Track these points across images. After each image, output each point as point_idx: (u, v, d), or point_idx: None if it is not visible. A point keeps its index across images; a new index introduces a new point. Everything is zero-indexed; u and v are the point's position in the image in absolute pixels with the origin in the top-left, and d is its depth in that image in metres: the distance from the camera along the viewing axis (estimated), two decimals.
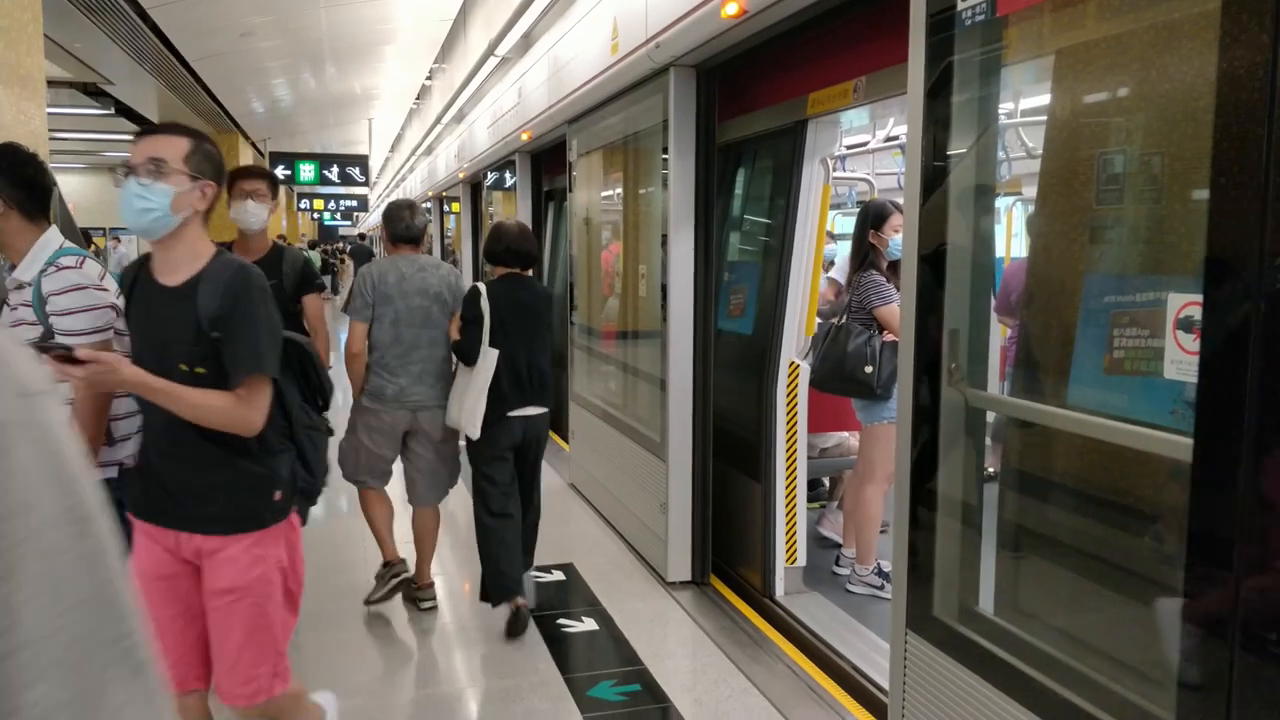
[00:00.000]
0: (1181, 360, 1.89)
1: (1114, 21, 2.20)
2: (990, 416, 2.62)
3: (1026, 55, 2.49)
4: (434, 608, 4.31)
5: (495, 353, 3.94)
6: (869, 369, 4.25)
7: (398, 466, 4.34)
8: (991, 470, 2.80)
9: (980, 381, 2.49)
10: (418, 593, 4.33)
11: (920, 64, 2.48)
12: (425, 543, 4.35)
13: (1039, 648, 2.21)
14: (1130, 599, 2.23)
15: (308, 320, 4.12)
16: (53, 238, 2.71)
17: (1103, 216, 2.39)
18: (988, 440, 2.67)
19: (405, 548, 4.39)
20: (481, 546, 4.10)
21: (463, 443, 4.25)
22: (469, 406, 3.94)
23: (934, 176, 2.48)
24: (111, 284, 2.68)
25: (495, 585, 4.03)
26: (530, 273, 4.29)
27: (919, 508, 2.52)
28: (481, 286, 4.04)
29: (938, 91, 2.46)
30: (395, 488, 4.39)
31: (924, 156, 2.51)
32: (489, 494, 4.09)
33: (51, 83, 7.63)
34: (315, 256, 14.70)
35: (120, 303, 2.57)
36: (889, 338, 4.21)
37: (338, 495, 5.85)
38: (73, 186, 18.73)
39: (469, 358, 3.95)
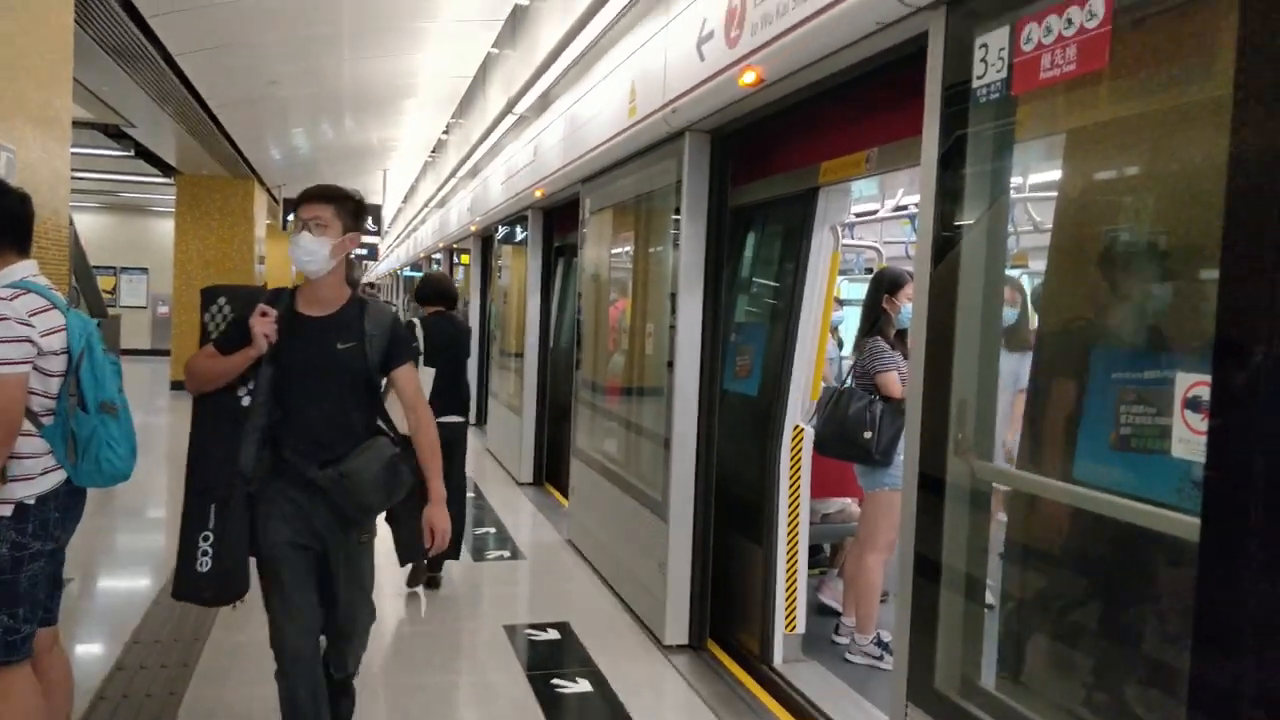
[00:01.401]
0: (1189, 439, 1.89)
1: (1125, 104, 2.25)
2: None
3: (1038, 133, 2.53)
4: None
5: (432, 371, 4.86)
6: (868, 434, 4.26)
7: None
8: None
9: (987, 453, 2.49)
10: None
11: (934, 137, 2.52)
12: None
13: None
14: (1134, 677, 2.20)
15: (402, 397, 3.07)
16: (19, 269, 2.72)
17: (1110, 292, 2.41)
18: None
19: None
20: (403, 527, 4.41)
21: None
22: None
23: (944, 247, 2.51)
24: (44, 321, 2.62)
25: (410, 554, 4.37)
26: (454, 310, 5.48)
27: (921, 579, 2.51)
28: (416, 321, 5.10)
29: (950, 164, 2.50)
30: None
31: (935, 227, 2.54)
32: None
33: (75, 124, 7.76)
34: None
35: (41, 341, 2.59)
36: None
37: None
38: (87, 225, 18.90)
39: None
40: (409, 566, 5.18)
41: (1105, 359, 2.35)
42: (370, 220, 15.53)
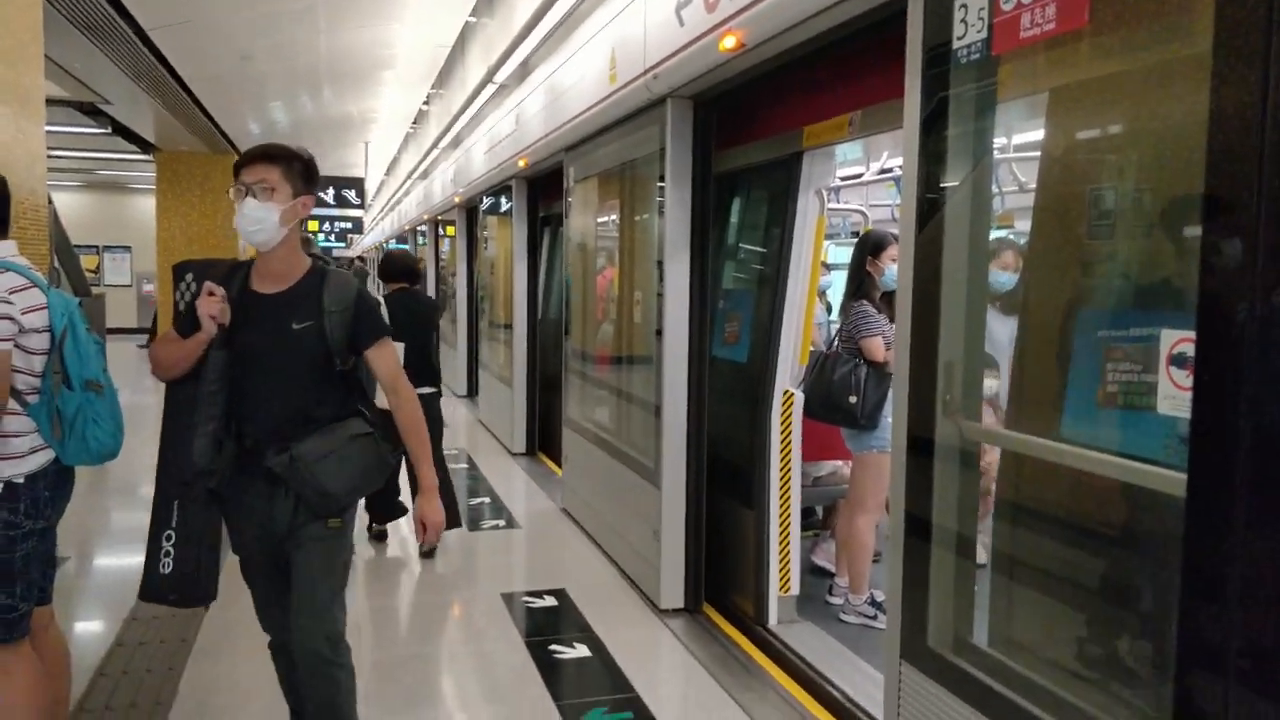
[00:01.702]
0: (1175, 395, 1.91)
1: (1106, 62, 2.24)
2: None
3: (1020, 92, 2.53)
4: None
5: (401, 345, 4.66)
6: (853, 398, 4.29)
7: None
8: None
9: (974, 413, 2.51)
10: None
11: (916, 99, 2.51)
12: None
13: (1033, 680, 2.21)
14: (1123, 632, 2.24)
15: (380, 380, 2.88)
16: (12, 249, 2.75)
17: (1095, 251, 2.42)
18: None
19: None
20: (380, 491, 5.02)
21: None
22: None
23: (929, 209, 2.51)
24: (25, 299, 2.62)
25: (382, 513, 5.57)
26: (417, 287, 5.72)
27: (913, 538, 2.53)
28: (380, 298, 4.90)
29: (933, 126, 2.50)
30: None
31: (919, 189, 2.54)
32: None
33: (49, 101, 7.65)
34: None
35: (22, 319, 2.59)
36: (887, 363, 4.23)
37: None
38: (68, 204, 18.69)
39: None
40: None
41: (1091, 317, 2.36)
42: (354, 193, 15.43)
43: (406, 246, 15.14)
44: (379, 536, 5.72)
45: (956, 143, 2.48)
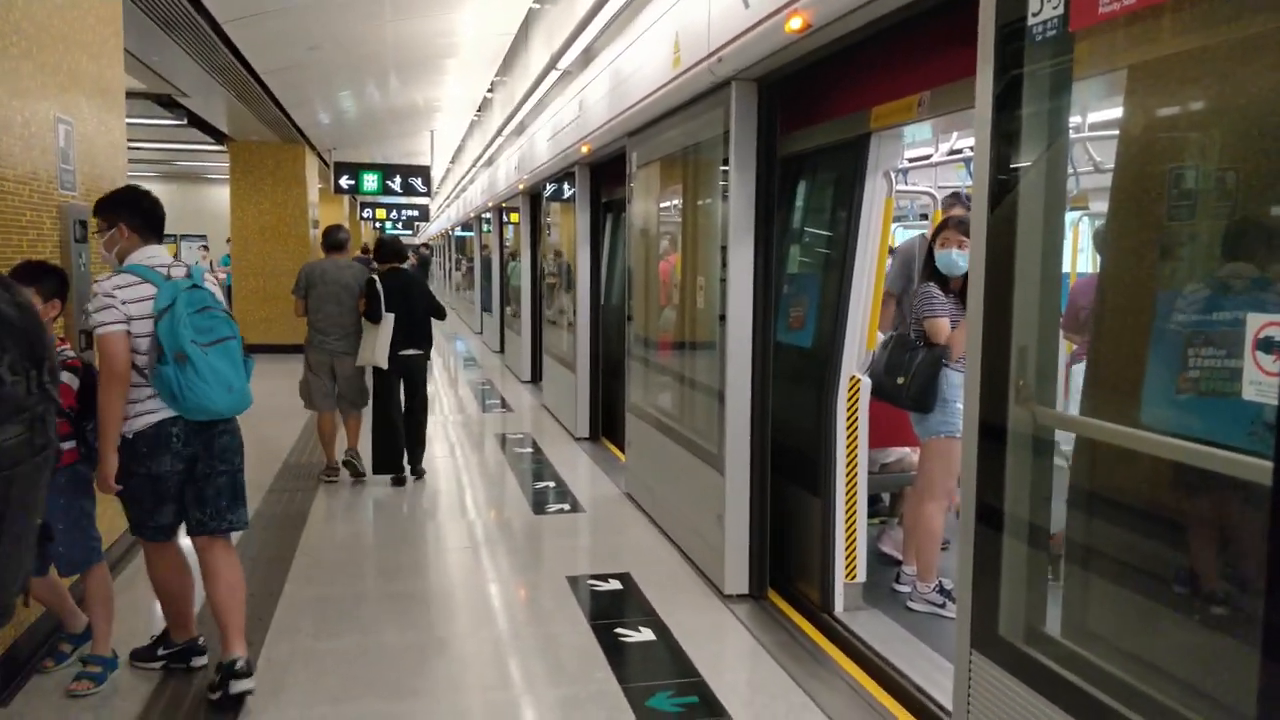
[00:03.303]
0: (1261, 381, 1.85)
1: (1189, 37, 2.17)
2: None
3: (1097, 70, 2.45)
4: (361, 476, 6.75)
5: (392, 316, 6.41)
6: (900, 380, 4.24)
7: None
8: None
9: (1049, 399, 2.46)
10: (347, 457, 6.74)
11: (989, 78, 2.46)
12: (352, 431, 6.81)
13: (1107, 670, 2.17)
14: (1203, 623, 2.18)
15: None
16: (141, 253, 3.51)
17: (1176, 233, 2.35)
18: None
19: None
20: (377, 435, 6.65)
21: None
22: (379, 349, 6.39)
23: (1002, 190, 2.46)
24: (131, 294, 3.33)
25: (385, 464, 6.67)
26: (405, 265, 6.98)
27: (984, 526, 2.49)
28: (375, 276, 6.55)
29: (1006, 105, 2.44)
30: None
31: (992, 170, 2.49)
32: (388, 404, 6.61)
33: (129, 94, 7.87)
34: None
35: (127, 308, 3.31)
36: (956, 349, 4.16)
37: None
38: None
39: (374, 318, 6.42)
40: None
41: (1171, 301, 2.29)
42: (420, 181, 15.61)
43: (396, 233, 15.83)
44: (398, 482, 6.74)
45: (1030, 122, 2.42)
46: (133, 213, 3.53)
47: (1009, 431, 2.42)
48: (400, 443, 6.69)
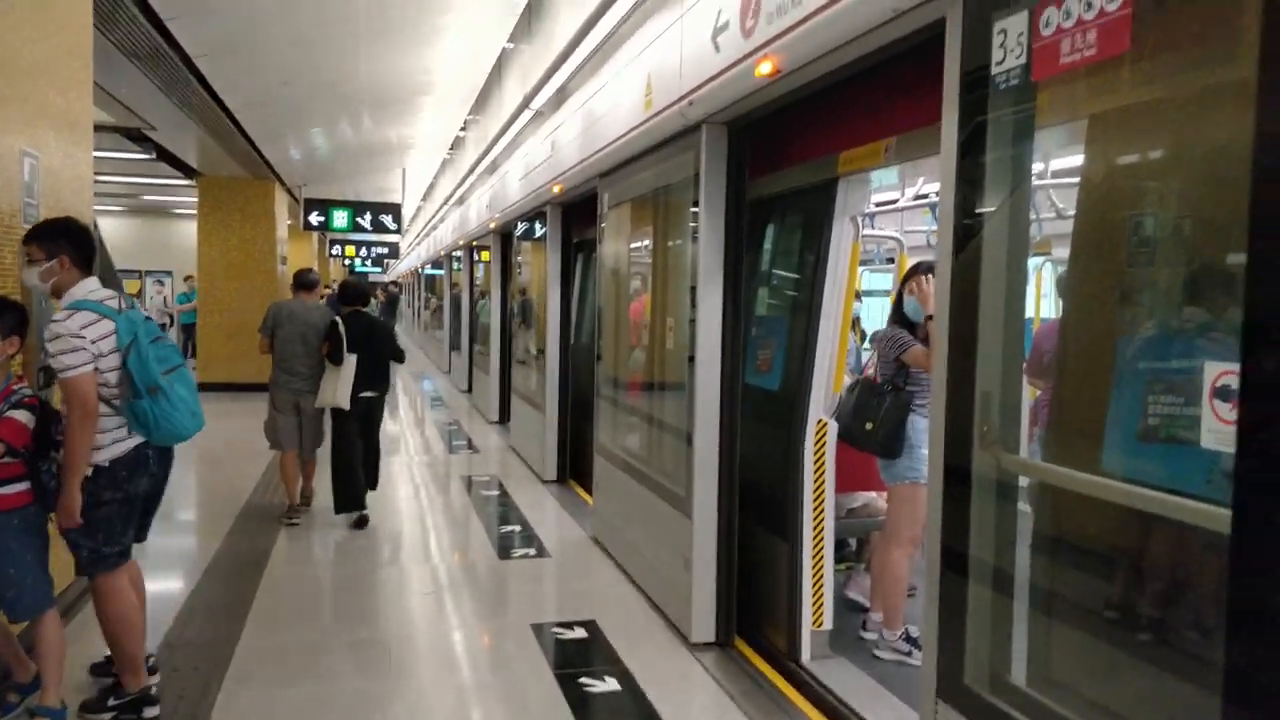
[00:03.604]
0: (1219, 429, 1.85)
1: (1148, 88, 2.20)
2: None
3: (1059, 119, 2.49)
4: (297, 522, 6.67)
5: (354, 356, 6.49)
6: (869, 425, 4.24)
7: None
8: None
9: (1013, 445, 2.45)
10: (301, 503, 6.89)
11: (954, 124, 2.49)
12: (308, 473, 7.00)
13: None
14: (1167, 671, 2.16)
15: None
16: (80, 288, 3.50)
17: (1135, 279, 2.37)
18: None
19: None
20: (338, 475, 6.64)
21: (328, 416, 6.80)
22: (340, 390, 6.45)
23: (966, 236, 2.48)
24: (95, 331, 3.37)
25: (346, 503, 6.66)
26: (367, 309, 7.05)
27: (949, 572, 2.48)
28: (338, 319, 6.61)
29: (970, 151, 2.46)
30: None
31: (956, 216, 2.50)
32: (348, 442, 6.66)
33: (97, 127, 7.80)
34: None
35: (94, 347, 3.36)
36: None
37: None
38: (112, 228, 19.10)
39: (337, 360, 6.47)
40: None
41: (1131, 348, 2.31)
42: (391, 218, 15.59)
43: (357, 277, 15.98)
44: (361, 521, 6.70)
45: (994, 168, 2.44)
46: (75, 245, 3.53)
47: (973, 476, 2.42)
48: (361, 481, 6.71)
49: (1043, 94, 2.32)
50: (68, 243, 3.51)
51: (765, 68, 3.49)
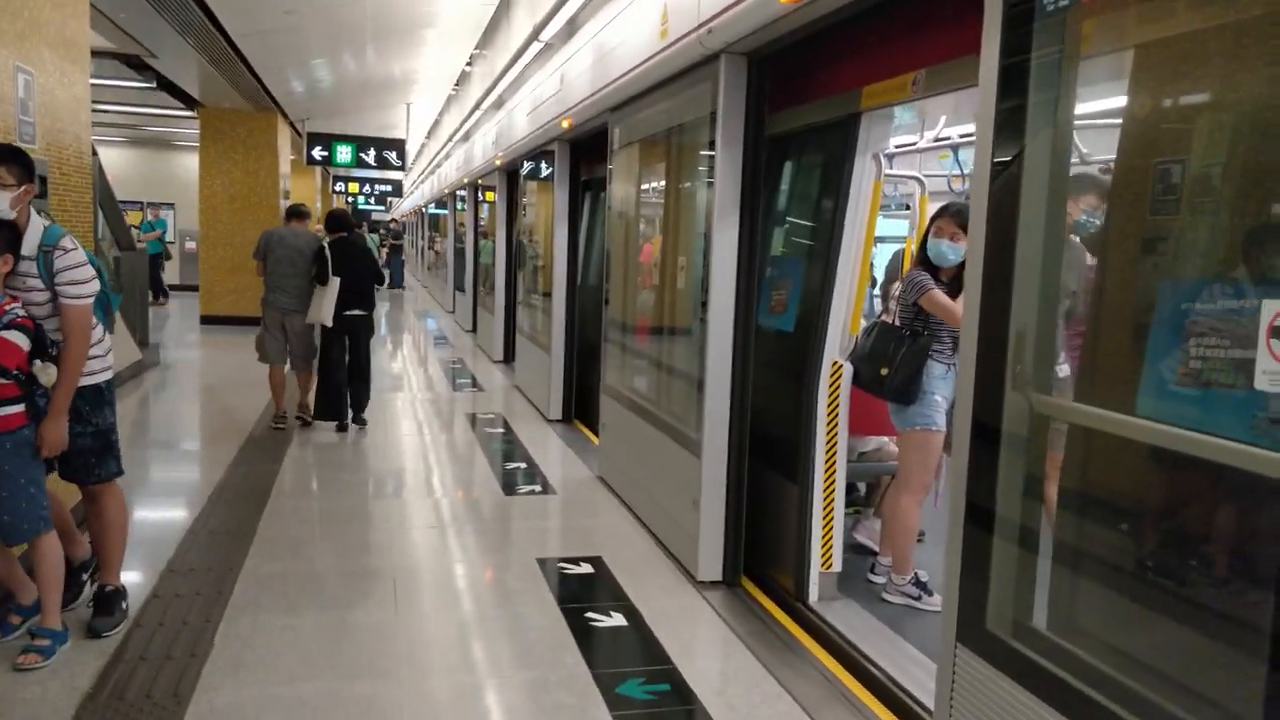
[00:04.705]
0: (1275, 371, 1.77)
1: (1207, 11, 2.08)
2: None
3: (1112, 47, 2.37)
4: (308, 423, 7.58)
5: (338, 279, 7.16)
6: (884, 370, 4.15)
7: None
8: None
9: (1046, 386, 2.38)
10: (299, 410, 7.66)
11: (995, 54, 2.37)
12: (303, 385, 7.63)
13: (1099, 667, 2.10)
14: (1202, 620, 2.11)
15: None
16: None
17: (1185, 223, 2.27)
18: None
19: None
20: (324, 389, 7.41)
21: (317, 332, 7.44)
22: (325, 308, 7.11)
23: (1003, 170, 2.37)
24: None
25: (324, 412, 7.45)
26: (349, 234, 7.63)
27: (974, 516, 2.42)
28: (325, 243, 7.33)
29: (1011, 83, 2.35)
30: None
31: (993, 150, 2.40)
32: (331, 357, 7.41)
33: (95, 52, 7.61)
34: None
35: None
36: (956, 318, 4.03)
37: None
38: (113, 159, 18.85)
39: (323, 280, 7.14)
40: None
41: (1175, 290, 2.22)
42: (395, 155, 15.37)
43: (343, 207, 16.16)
44: (341, 429, 7.50)
45: (1037, 102, 2.33)
46: (36, 180, 3.58)
47: (1004, 419, 2.35)
48: (344, 395, 7.49)
49: (1093, 20, 2.21)
50: (32, 174, 3.47)
51: None
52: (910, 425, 4.22)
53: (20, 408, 3.35)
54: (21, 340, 3.30)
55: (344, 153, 15.02)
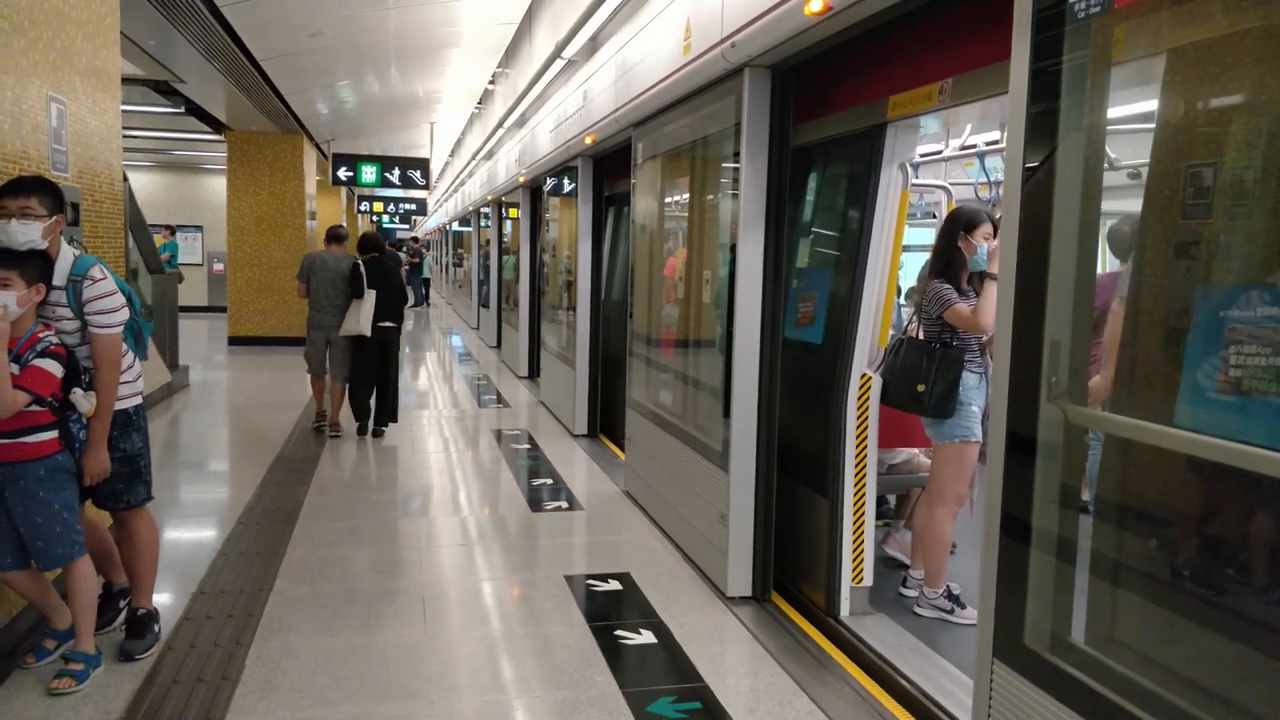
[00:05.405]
0: None
1: (1244, 16, 2.05)
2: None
3: (1145, 53, 2.33)
4: (337, 435, 8.12)
5: (374, 292, 7.87)
6: (920, 387, 4.09)
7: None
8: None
9: (1081, 397, 2.34)
10: (328, 427, 8.21)
11: (1025, 61, 2.34)
12: (335, 400, 8.17)
13: (1139, 682, 2.05)
14: (1246, 633, 2.06)
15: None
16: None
17: (1223, 228, 2.23)
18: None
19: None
20: (353, 394, 8.11)
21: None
22: (364, 319, 7.78)
23: (1034, 179, 2.34)
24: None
25: (357, 415, 8.12)
26: (381, 254, 8.24)
27: (1010, 529, 2.38)
28: (360, 262, 7.96)
29: (1042, 90, 2.32)
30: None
31: (1024, 157, 2.37)
32: (363, 367, 8.03)
33: (125, 80, 7.72)
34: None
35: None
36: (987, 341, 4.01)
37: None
38: (142, 184, 19.13)
39: (359, 293, 7.81)
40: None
41: (1212, 296, 2.18)
42: (419, 174, 15.48)
43: (393, 227, 16.65)
44: (361, 431, 8.22)
45: (1068, 107, 2.30)
46: (65, 209, 3.57)
47: (1039, 430, 2.31)
48: (367, 402, 8.19)
49: (1125, 25, 2.18)
50: (64, 205, 3.50)
51: (815, 5, 3.34)
52: (948, 438, 4.17)
53: (54, 434, 3.38)
54: (55, 368, 3.33)
55: (369, 172, 15.15)
